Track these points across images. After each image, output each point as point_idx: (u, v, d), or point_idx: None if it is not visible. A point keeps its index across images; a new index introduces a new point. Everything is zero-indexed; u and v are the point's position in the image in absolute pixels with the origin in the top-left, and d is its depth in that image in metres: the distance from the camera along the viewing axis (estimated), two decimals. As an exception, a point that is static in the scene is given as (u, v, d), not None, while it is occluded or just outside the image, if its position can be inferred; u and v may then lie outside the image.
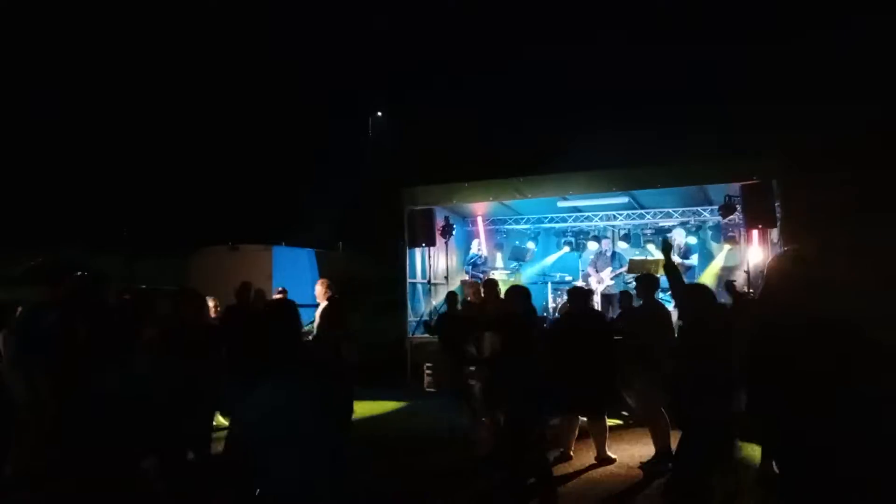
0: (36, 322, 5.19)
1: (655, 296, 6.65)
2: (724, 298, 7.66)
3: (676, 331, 6.52)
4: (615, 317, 8.29)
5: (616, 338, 6.65)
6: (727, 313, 5.81)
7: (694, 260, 11.63)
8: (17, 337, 5.43)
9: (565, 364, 5.87)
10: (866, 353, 2.29)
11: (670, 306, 7.18)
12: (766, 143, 16.11)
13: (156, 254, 17.70)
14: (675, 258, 11.31)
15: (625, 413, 7.86)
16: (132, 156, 25.03)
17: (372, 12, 34.61)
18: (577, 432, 6.55)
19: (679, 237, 11.83)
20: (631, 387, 6.76)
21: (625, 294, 8.38)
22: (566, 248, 13.36)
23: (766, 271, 2.98)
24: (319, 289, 7.24)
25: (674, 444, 6.22)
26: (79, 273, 5.45)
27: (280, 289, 8.53)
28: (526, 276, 13.12)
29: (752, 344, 2.76)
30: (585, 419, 6.49)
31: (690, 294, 4.87)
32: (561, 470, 6.05)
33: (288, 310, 2.87)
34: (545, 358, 5.41)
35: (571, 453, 6.51)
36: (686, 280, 6.69)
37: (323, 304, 7.01)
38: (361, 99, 30.35)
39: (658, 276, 7.37)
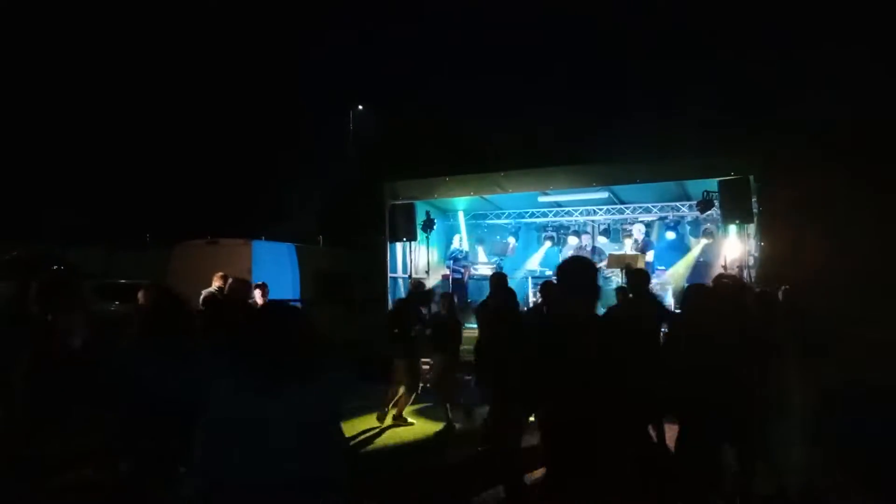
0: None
1: (648, 289, 6.67)
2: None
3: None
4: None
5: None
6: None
7: (649, 256, 11.71)
8: None
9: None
10: None
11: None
12: (743, 141, 16.34)
13: (135, 248, 17.49)
14: (631, 251, 11.54)
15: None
16: (113, 150, 24.73)
17: (356, 9, 34.43)
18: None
19: (637, 232, 12.02)
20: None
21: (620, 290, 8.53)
22: (547, 244, 13.41)
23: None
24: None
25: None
26: (55, 267, 5.37)
27: (260, 283, 8.36)
28: (506, 271, 13.14)
29: None
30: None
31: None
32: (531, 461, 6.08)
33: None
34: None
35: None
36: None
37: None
38: (343, 93, 30.22)
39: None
